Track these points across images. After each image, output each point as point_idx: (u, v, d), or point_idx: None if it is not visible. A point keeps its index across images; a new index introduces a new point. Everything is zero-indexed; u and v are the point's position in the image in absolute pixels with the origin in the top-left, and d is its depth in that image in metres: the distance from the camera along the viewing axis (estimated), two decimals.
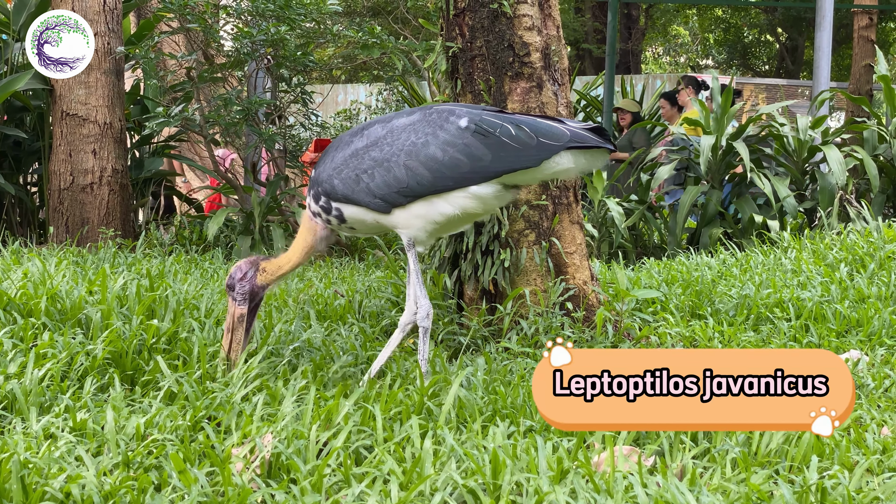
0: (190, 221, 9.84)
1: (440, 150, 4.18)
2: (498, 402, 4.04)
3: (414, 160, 4.19)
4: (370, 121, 4.46)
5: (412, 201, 4.22)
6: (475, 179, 4.19)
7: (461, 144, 4.17)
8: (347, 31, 9.18)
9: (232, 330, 4.44)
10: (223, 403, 3.85)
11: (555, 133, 4.19)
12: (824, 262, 7.13)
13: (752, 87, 19.91)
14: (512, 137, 4.17)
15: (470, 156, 4.16)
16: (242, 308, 4.45)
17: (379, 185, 4.21)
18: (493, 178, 4.20)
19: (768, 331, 5.75)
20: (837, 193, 9.49)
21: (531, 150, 4.17)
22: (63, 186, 9.30)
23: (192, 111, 9.12)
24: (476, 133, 4.18)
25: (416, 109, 4.38)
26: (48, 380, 3.98)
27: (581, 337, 5.31)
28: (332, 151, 4.38)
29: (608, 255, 9.70)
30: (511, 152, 4.17)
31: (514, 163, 4.19)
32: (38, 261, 5.74)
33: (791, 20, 29.73)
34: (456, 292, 5.65)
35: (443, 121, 4.23)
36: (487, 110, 4.29)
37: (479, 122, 4.19)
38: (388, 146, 4.24)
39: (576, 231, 5.63)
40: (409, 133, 4.24)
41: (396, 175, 4.20)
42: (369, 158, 4.24)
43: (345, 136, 4.43)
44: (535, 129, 4.18)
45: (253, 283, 4.46)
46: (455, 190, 4.20)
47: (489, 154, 4.16)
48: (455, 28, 5.55)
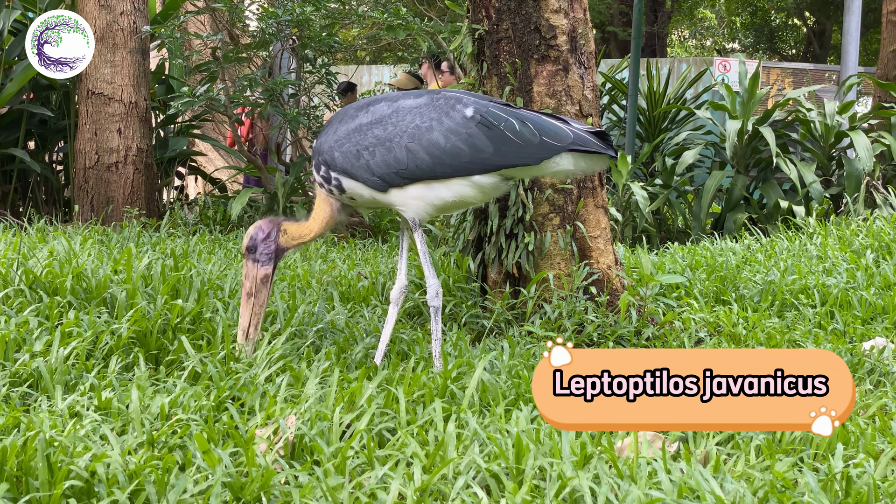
0: (214, 201, 9.86)
1: (443, 136, 4.18)
2: (521, 386, 4.03)
3: (416, 143, 4.19)
4: (376, 96, 4.45)
5: (409, 183, 4.23)
6: (474, 170, 4.20)
7: (464, 134, 4.17)
8: (373, 12, 9.16)
9: (255, 294, 4.40)
10: (247, 384, 3.85)
11: (558, 134, 4.19)
12: (850, 249, 7.09)
13: (779, 71, 19.77)
14: (516, 133, 4.17)
15: (472, 146, 4.16)
16: (267, 268, 4.42)
17: (378, 163, 4.21)
18: (493, 170, 4.22)
19: (793, 317, 5.72)
20: (864, 179, 9.43)
21: (533, 148, 4.18)
22: (88, 165, 9.32)
23: (217, 91, 9.12)
24: (480, 124, 4.18)
25: (423, 92, 4.38)
26: (73, 358, 4.00)
27: (604, 321, 5.29)
28: (335, 123, 4.37)
29: (632, 239, 9.67)
30: (513, 147, 4.18)
31: (515, 158, 4.20)
32: (63, 239, 5.76)
33: (819, 4, 29.50)
34: (479, 275, 5.64)
35: (449, 108, 4.22)
36: (495, 102, 4.30)
37: (484, 113, 4.19)
38: (393, 126, 4.24)
39: (600, 215, 5.60)
40: (414, 115, 4.24)
41: (397, 156, 4.20)
42: (372, 136, 4.24)
43: (350, 108, 4.42)
44: (540, 127, 4.19)
45: (277, 243, 4.44)
46: (454, 177, 4.21)
47: (491, 146, 4.17)
48: (482, 10, 5.52)
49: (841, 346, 5.00)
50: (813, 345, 5.08)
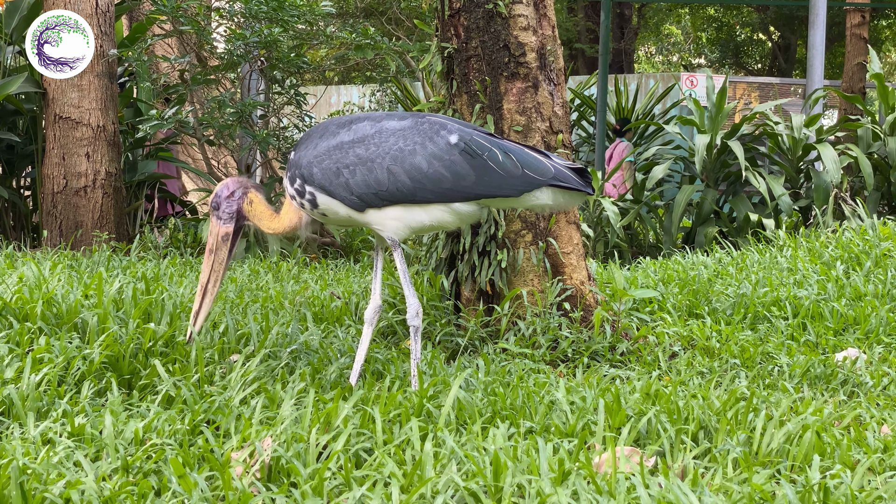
0: (184, 224, 9.82)
1: (426, 161, 4.18)
2: (497, 403, 4.02)
3: (398, 166, 4.18)
4: (358, 114, 4.43)
5: (388, 205, 4.22)
6: (455, 197, 4.21)
7: (447, 160, 4.17)
8: (341, 32, 9.17)
9: (215, 251, 4.39)
10: (222, 407, 3.83)
11: (540, 167, 4.22)
12: (820, 261, 7.13)
13: (746, 86, 19.91)
14: (498, 163, 4.18)
15: (454, 173, 4.17)
16: (228, 227, 4.40)
17: (358, 182, 4.20)
18: (473, 199, 4.24)
19: (766, 329, 5.75)
20: (832, 191, 9.49)
21: (514, 180, 4.20)
22: (56, 190, 9.26)
23: (186, 114, 9.09)
24: (464, 152, 4.18)
25: (407, 115, 4.36)
26: (45, 385, 3.96)
27: (579, 337, 5.30)
28: (314, 137, 4.34)
29: (604, 254, 9.70)
30: (494, 178, 4.19)
31: (496, 189, 4.22)
32: (32, 265, 5.72)
33: (783, 18, 29.75)
34: (453, 293, 5.63)
35: (433, 133, 4.22)
36: (479, 131, 4.30)
37: (468, 141, 4.20)
38: (375, 146, 4.22)
39: (572, 231, 5.61)
40: (398, 138, 4.23)
41: (378, 177, 4.19)
42: (353, 155, 4.22)
43: (330, 124, 4.39)
44: (522, 160, 4.21)
45: (240, 205, 4.39)
46: (434, 203, 4.21)
47: (473, 175, 4.18)
48: (450, 29, 5.53)
49: (814, 357, 5.03)
50: (786, 357, 5.09)
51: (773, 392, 4.53)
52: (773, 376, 4.89)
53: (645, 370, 5.00)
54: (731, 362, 5.10)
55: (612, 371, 4.91)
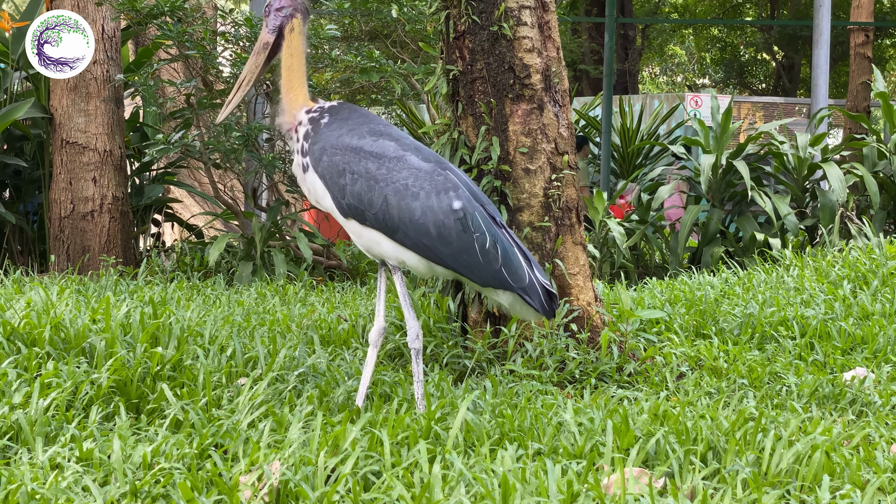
0: (191, 248, 9.83)
1: (421, 210, 4.20)
2: (505, 424, 4.02)
3: (394, 199, 4.21)
4: (393, 130, 4.42)
5: (368, 226, 4.25)
6: (427, 254, 4.25)
7: (440, 220, 4.20)
8: (346, 55, 9.19)
9: (256, 54, 4.46)
10: (230, 431, 3.83)
11: (517, 274, 4.29)
12: (827, 280, 7.12)
13: (750, 106, 19.94)
14: (483, 248, 4.23)
15: (439, 235, 4.21)
16: (269, 37, 4.44)
17: (353, 192, 4.23)
18: (443, 266, 4.27)
19: (773, 349, 5.74)
20: (838, 210, 9.49)
21: (486, 272, 4.27)
22: (64, 214, 9.29)
23: (192, 138, 9.11)
24: (458, 221, 4.22)
25: (433, 158, 4.36)
26: (53, 409, 3.97)
27: (586, 358, 5.29)
28: (348, 122, 4.36)
29: (610, 275, 9.69)
30: (471, 259, 4.24)
31: (466, 269, 4.29)
32: (40, 290, 5.73)
33: (787, 38, 29.80)
34: (460, 315, 5.63)
35: (442, 189, 4.24)
36: (487, 209, 4.34)
37: (469, 214, 4.25)
38: (386, 171, 4.24)
39: (579, 252, 5.61)
40: (410, 174, 4.25)
41: (373, 199, 4.21)
42: (363, 166, 4.24)
43: (365, 121, 4.41)
44: (506, 257, 4.27)
45: (283, 23, 4.43)
46: (408, 248, 4.24)
47: (454, 246, 4.22)
48: (455, 51, 5.55)
49: (822, 377, 5.02)
50: (794, 377, 5.08)
51: (782, 412, 4.52)
52: (782, 396, 4.88)
53: (653, 391, 4.99)
54: (739, 382, 5.09)
55: (620, 392, 4.91)
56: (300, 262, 9.02)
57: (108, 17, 9.48)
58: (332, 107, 4.41)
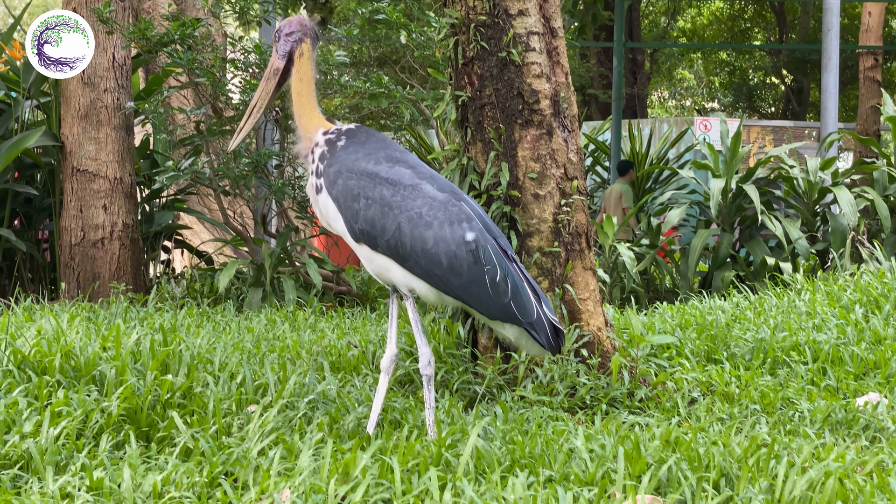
0: (201, 274, 9.84)
1: (433, 240, 4.20)
2: (516, 451, 4.00)
3: (407, 227, 4.21)
4: (410, 157, 4.42)
5: (379, 252, 4.25)
6: (437, 284, 4.23)
7: (452, 251, 4.20)
8: (355, 81, 9.21)
9: (266, 80, 4.50)
10: (240, 459, 3.82)
11: (525, 309, 4.29)
12: (839, 304, 7.09)
13: (759, 130, 19.94)
14: (493, 282, 4.23)
15: (450, 265, 4.20)
16: (280, 63, 4.47)
17: (366, 217, 4.23)
18: (452, 296, 4.26)
19: (785, 374, 5.71)
20: (849, 234, 9.47)
21: (495, 305, 4.27)
22: (74, 242, 9.31)
23: (202, 164, 9.14)
24: (470, 253, 4.21)
25: (448, 188, 4.36)
26: (64, 438, 3.96)
27: (597, 384, 5.27)
28: (365, 146, 4.36)
29: (620, 300, 9.67)
30: (481, 291, 4.24)
31: (475, 302, 4.29)
32: (51, 317, 5.73)
33: (796, 62, 29.81)
34: (470, 341, 5.62)
35: (456, 220, 4.24)
36: (500, 242, 4.34)
37: (482, 246, 4.25)
38: (401, 198, 4.24)
39: (589, 277, 5.60)
40: (424, 203, 4.24)
41: (385, 225, 4.21)
42: (378, 192, 4.24)
43: (383, 146, 4.40)
44: (515, 292, 4.27)
45: (293, 48, 4.46)
46: (418, 276, 4.23)
47: (465, 277, 4.21)
48: (464, 77, 5.56)
49: (835, 402, 4.99)
50: (807, 402, 5.06)
51: (795, 438, 4.49)
52: (794, 422, 4.85)
53: (664, 417, 4.97)
54: (752, 408, 5.07)
55: (631, 418, 4.88)
56: (310, 288, 9.02)
57: (118, 46, 9.53)
58: (350, 129, 4.42)
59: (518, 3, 5.45)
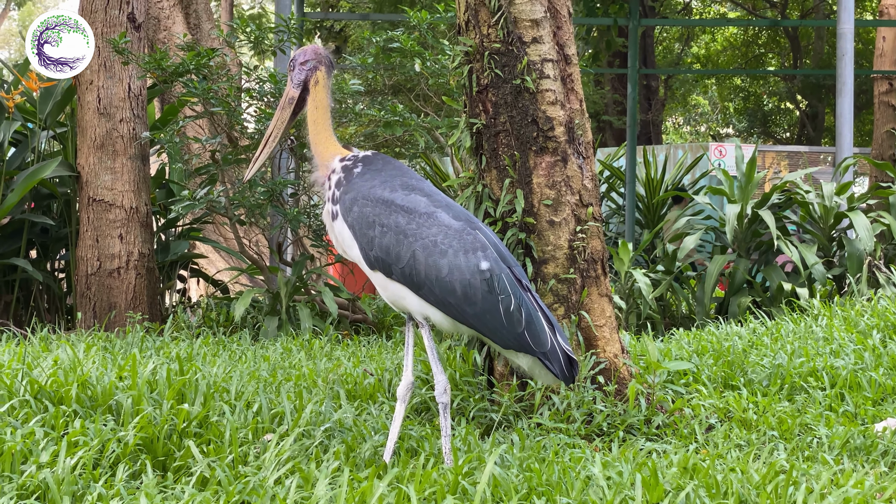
0: (217, 303, 9.85)
1: (447, 268, 4.20)
2: (533, 479, 3.99)
3: (422, 255, 4.21)
4: (426, 185, 4.42)
5: (394, 279, 4.25)
6: (452, 313, 4.22)
7: (467, 280, 4.20)
8: (369, 109, 9.23)
9: (282, 109, 4.52)
10: (256, 488, 3.81)
11: (539, 339, 4.28)
12: (856, 329, 7.06)
13: (774, 155, 19.92)
14: (507, 311, 4.22)
15: (464, 294, 4.20)
16: (294, 92, 4.50)
17: (382, 245, 4.23)
18: (466, 325, 4.25)
19: (803, 400, 5.69)
20: (866, 259, 9.43)
21: (509, 335, 4.27)
22: (90, 272, 9.34)
23: (217, 193, 9.16)
24: (485, 282, 4.21)
25: (463, 216, 4.37)
26: (80, 468, 3.96)
27: (614, 411, 5.26)
28: (381, 173, 4.37)
29: (636, 326, 9.65)
30: (495, 321, 4.23)
31: (489, 332, 4.28)
32: (67, 347, 5.74)
33: (810, 87, 29.80)
34: (486, 368, 5.61)
35: (471, 249, 4.24)
36: (515, 271, 4.33)
37: (496, 276, 4.25)
38: (416, 226, 4.24)
39: (605, 304, 5.60)
40: (439, 231, 4.24)
41: (400, 253, 4.22)
42: (394, 220, 4.25)
43: (398, 174, 4.41)
44: (530, 321, 4.26)
45: (308, 77, 4.49)
46: (432, 304, 4.23)
47: (479, 306, 4.21)
48: (479, 104, 5.57)
49: (853, 428, 4.96)
50: (825, 428, 5.03)
51: (813, 464, 4.47)
52: (813, 448, 4.83)
53: (681, 443, 4.95)
54: (769, 434, 5.04)
55: (649, 445, 4.86)
56: (325, 317, 9.02)
57: (134, 76, 9.58)
58: (366, 156, 4.44)
59: (532, 30, 5.47)
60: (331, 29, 27.90)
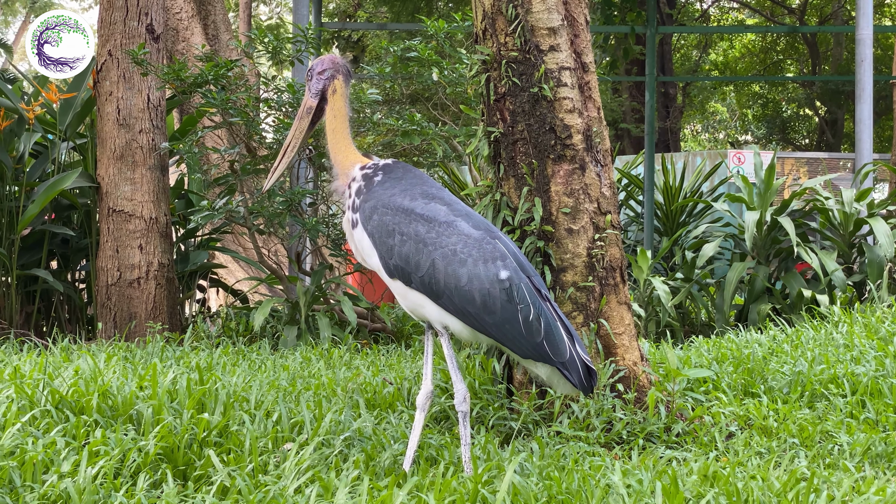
0: (236, 313, 9.88)
1: (467, 277, 4.20)
2: (553, 487, 3.99)
3: (441, 264, 4.21)
4: (445, 194, 4.43)
5: (413, 288, 4.25)
6: (471, 322, 4.22)
7: (486, 289, 4.20)
8: (387, 118, 9.25)
9: (300, 119, 4.54)
10: (276, 497, 3.82)
11: (558, 349, 4.27)
12: (877, 336, 7.03)
13: (793, 161, 19.86)
14: (526, 321, 4.21)
15: (483, 303, 4.20)
16: (312, 101, 4.52)
17: (401, 253, 4.23)
18: (485, 334, 4.24)
19: (824, 407, 5.66)
20: (886, 266, 9.39)
21: (528, 344, 4.26)
22: (110, 282, 9.37)
23: (236, 203, 9.19)
24: (504, 291, 4.21)
25: (483, 226, 4.37)
26: (101, 478, 3.97)
27: (633, 419, 5.25)
28: (401, 182, 4.38)
29: (656, 334, 9.63)
30: (514, 331, 4.23)
31: (508, 341, 4.27)
32: (88, 357, 5.77)
33: (829, 94, 29.72)
34: (505, 377, 5.61)
35: (491, 258, 4.24)
36: (534, 280, 4.33)
37: (515, 285, 4.24)
38: (436, 235, 4.24)
39: (624, 312, 5.59)
40: (459, 240, 4.24)
41: (419, 261, 4.22)
42: (413, 229, 4.25)
43: (419, 182, 4.42)
44: (549, 331, 4.25)
45: (325, 86, 4.50)
46: (452, 313, 4.23)
47: (498, 315, 4.21)
48: (496, 113, 5.58)
49: (874, 435, 4.94)
50: (846, 435, 5.01)
51: (834, 472, 4.45)
52: (834, 455, 4.81)
53: (702, 451, 4.94)
54: (790, 441, 5.03)
55: (669, 453, 4.85)
56: (345, 326, 9.03)
57: (153, 87, 9.63)
58: (387, 165, 4.44)
59: (549, 38, 5.48)
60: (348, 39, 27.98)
